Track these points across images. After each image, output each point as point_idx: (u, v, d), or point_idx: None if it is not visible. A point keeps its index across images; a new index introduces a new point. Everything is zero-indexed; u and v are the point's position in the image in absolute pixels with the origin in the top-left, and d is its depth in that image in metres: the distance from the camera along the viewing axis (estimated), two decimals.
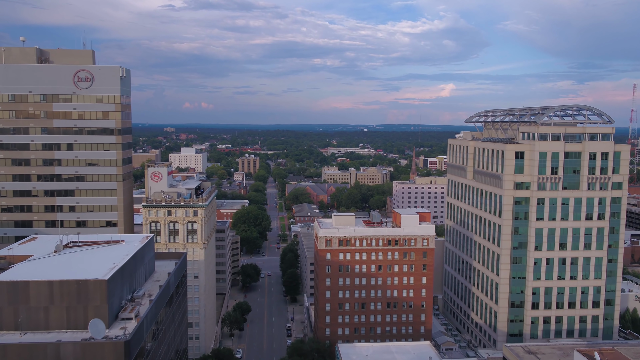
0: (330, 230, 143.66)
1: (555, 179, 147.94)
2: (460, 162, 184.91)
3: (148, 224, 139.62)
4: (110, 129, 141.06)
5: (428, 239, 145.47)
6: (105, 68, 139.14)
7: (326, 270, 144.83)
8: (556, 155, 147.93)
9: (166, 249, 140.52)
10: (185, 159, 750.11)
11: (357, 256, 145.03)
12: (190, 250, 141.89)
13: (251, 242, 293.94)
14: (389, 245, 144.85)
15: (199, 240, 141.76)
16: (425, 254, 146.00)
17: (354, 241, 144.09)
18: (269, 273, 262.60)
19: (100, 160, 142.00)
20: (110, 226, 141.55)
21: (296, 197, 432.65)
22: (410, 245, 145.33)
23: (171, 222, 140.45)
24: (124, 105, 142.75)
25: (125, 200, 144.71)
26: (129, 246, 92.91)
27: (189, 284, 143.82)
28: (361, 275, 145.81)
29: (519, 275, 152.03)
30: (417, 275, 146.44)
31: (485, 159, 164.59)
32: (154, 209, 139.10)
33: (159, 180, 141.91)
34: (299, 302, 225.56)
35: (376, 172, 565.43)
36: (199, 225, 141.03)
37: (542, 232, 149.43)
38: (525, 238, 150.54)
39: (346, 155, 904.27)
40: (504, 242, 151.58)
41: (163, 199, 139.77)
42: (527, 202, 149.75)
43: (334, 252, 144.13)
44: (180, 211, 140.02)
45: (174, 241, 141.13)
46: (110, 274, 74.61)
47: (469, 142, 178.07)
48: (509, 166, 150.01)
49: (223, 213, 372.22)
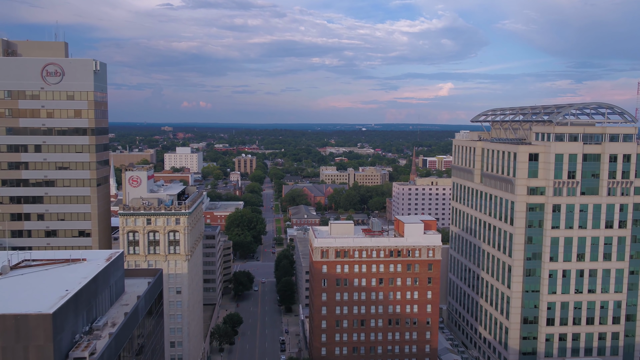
0: (327, 241, 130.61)
1: (572, 184, 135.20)
2: (467, 164, 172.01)
3: (125, 234, 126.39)
4: (82, 128, 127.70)
5: (434, 250, 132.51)
6: (77, 61, 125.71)
7: (322, 284, 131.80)
8: (574, 157, 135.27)
9: (145, 261, 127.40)
10: (180, 159, 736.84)
11: (356, 269, 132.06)
12: (172, 262, 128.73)
13: (245, 247, 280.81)
14: (391, 257, 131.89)
15: (181, 251, 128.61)
16: (431, 266, 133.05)
17: (353, 252, 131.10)
18: (262, 280, 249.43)
19: (72, 163, 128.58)
20: (83, 236, 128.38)
21: (293, 198, 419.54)
22: (415, 256, 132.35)
23: (151, 231, 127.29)
24: (98, 103, 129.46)
25: (101, 207, 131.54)
26: (91, 266, 79.75)
27: (170, 299, 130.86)
28: (361, 290, 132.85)
29: (533, 288, 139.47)
30: (422, 290, 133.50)
31: (494, 161, 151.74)
32: (131, 217, 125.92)
33: (138, 185, 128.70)
34: (294, 312, 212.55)
35: (375, 173, 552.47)
36: (181, 235, 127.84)
37: (558, 242, 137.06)
38: (539, 248, 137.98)
39: (344, 155, 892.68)
40: (516, 252, 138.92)
41: (142, 206, 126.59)
42: (541, 209, 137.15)
43: (331, 265, 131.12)
44: (160, 219, 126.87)
45: (154, 252, 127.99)
46: (58, 305, 61.43)
47: (476, 143, 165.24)
48: (521, 169, 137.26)
49: (217, 215, 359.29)
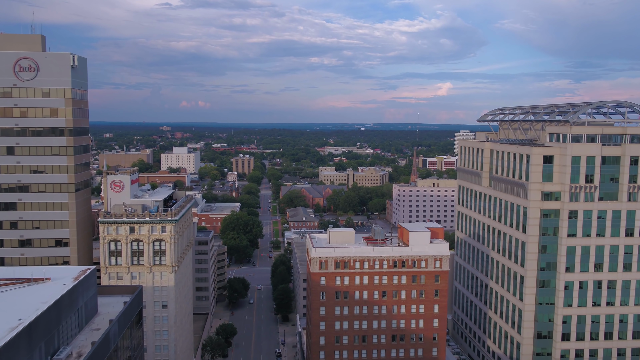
0: (325, 250, 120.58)
1: (590, 189, 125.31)
2: (474, 166, 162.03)
3: (106, 244, 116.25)
4: (59, 129, 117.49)
5: (441, 260, 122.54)
6: (53, 55, 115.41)
7: (320, 297, 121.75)
8: (592, 160, 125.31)
9: (128, 273, 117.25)
10: (177, 159, 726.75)
11: (357, 280, 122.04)
12: (157, 274, 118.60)
13: (240, 251, 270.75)
14: (395, 268, 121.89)
15: (168, 262, 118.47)
16: (438, 277, 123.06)
17: (354, 263, 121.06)
18: (258, 286, 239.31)
19: (48, 167, 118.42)
20: (60, 246, 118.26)
21: (291, 199, 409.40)
22: (420, 267, 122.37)
23: (134, 240, 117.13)
24: (76, 101, 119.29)
25: (80, 214, 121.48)
26: (56, 286, 69.74)
27: (156, 314, 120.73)
28: (362, 303, 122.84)
29: (547, 301, 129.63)
30: (428, 303, 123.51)
31: (505, 164, 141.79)
32: (113, 225, 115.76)
33: (120, 190, 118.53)
34: (291, 321, 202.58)
35: (375, 173, 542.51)
36: (167, 245, 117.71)
37: (575, 251, 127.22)
38: (554, 257, 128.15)
39: (343, 155, 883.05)
40: (530, 262, 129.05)
41: (124, 213, 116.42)
42: (556, 216, 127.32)
43: (330, 276, 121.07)
44: (145, 228, 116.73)
45: (137, 263, 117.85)
46: (4, 341, 51.57)
47: (484, 144, 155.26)
48: (535, 173, 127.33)
49: (212, 218, 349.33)
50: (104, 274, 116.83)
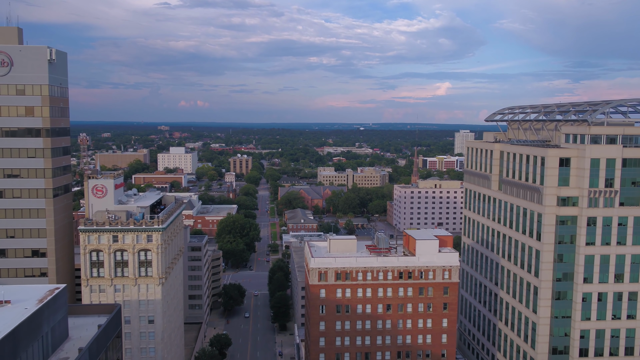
0: (325, 260, 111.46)
1: (610, 193, 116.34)
2: (482, 168, 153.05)
3: (87, 254, 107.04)
4: (35, 129, 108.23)
5: (450, 271, 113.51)
6: (28, 49, 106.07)
7: (320, 311, 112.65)
8: (612, 162, 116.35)
9: (111, 286, 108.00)
10: (174, 159, 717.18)
11: (359, 293, 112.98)
12: (143, 286, 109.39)
13: (237, 256, 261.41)
14: (400, 279, 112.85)
15: (154, 273, 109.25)
16: (447, 289, 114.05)
17: (356, 274, 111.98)
18: (255, 292, 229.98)
19: (23, 170, 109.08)
20: (37, 256, 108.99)
21: (289, 201, 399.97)
22: (428, 278, 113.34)
23: (118, 250, 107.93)
24: (54, 98, 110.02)
25: (59, 222, 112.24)
26: (15, 311, 60.57)
27: (141, 330, 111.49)
28: (365, 318, 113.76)
29: (563, 314, 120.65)
30: (437, 317, 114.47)
31: (516, 167, 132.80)
32: (94, 234, 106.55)
33: (103, 195, 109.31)
34: (289, 330, 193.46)
35: (374, 174, 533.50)
36: (154, 255, 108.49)
37: (593, 260, 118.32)
38: (571, 267, 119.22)
39: (342, 155, 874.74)
40: (544, 272, 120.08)
41: (107, 220, 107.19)
42: (574, 222, 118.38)
43: (330, 288, 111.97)
44: (129, 236, 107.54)
45: (121, 275, 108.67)
46: None
47: (493, 145, 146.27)
48: (551, 176, 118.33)
49: (208, 220, 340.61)
50: (85, 286, 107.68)
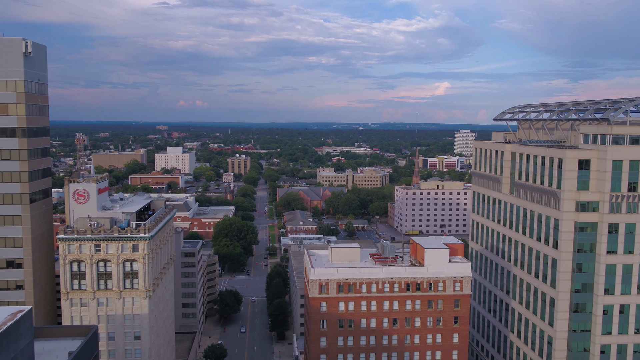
0: (327, 271, 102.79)
1: (633, 198, 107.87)
2: (492, 170, 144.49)
3: (67, 264, 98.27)
4: (10, 128, 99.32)
5: (462, 282, 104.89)
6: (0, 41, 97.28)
7: (321, 326, 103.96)
8: (635, 165, 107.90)
9: (94, 299, 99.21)
10: (171, 159, 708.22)
11: (363, 306, 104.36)
12: (128, 299, 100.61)
13: (234, 260, 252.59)
14: (407, 291, 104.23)
15: (140, 285, 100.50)
16: (458, 302, 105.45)
17: (360, 286, 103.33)
18: (252, 299, 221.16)
19: None
20: (12, 267, 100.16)
21: (288, 202, 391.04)
22: (437, 290, 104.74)
23: (101, 261, 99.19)
24: (31, 95, 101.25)
25: (37, 229, 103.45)
26: None
27: (127, 347, 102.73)
28: (370, 333, 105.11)
29: (582, 327, 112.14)
30: (447, 332, 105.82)
31: (530, 169, 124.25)
32: (75, 243, 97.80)
33: (85, 201, 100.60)
34: (288, 339, 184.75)
35: (374, 174, 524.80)
36: (140, 266, 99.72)
37: (615, 270, 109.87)
38: (591, 278, 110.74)
39: (342, 155, 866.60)
40: (562, 282, 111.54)
41: (89, 228, 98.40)
42: (594, 229, 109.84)
43: (332, 302, 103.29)
44: (113, 246, 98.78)
45: (105, 288, 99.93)
46: None
47: (504, 146, 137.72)
48: (569, 180, 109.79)
49: (205, 222, 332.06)
50: (65, 300, 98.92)
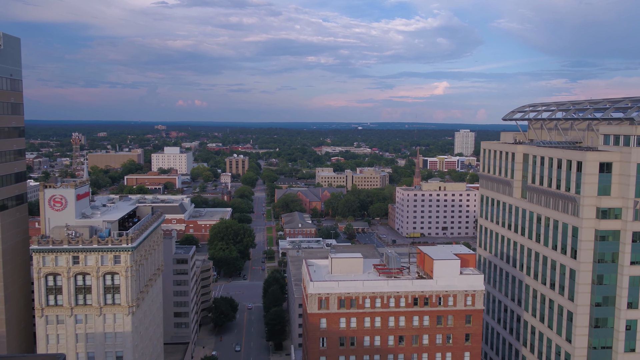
0: (327, 285, 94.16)
1: None
2: (502, 173, 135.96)
3: (42, 278, 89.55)
4: None
5: (474, 296, 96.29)
6: None
7: (320, 344, 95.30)
8: None
9: (71, 316, 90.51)
10: (168, 159, 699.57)
11: (366, 323, 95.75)
12: (109, 316, 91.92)
13: (230, 264, 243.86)
14: (415, 306, 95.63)
15: (122, 301, 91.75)
16: (470, 318, 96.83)
17: (363, 300, 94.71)
18: (249, 305, 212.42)
19: None
20: None
21: (286, 204, 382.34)
22: (448, 305, 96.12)
23: (79, 274, 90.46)
24: (2, 92, 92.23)
25: (9, 239, 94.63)
26: None
27: None
28: (374, 352, 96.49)
29: (603, 344, 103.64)
30: (458, 350, 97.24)
31: (545, 172, 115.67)
32: (50, 255, 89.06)
33: (62, 208, 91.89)
34: (285, 349, 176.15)
35: (374, 175, 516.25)
36: (122, 279, 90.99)
37: (639, 283, 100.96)
38: (613, 290, 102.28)
39: (341, 155, 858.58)
40: (581, 295, 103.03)
41: (66, 238, 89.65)
42: (616, 238, 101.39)
43: (333, 318, 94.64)
44: (92, 257, 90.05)
45: (83, 303, 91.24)
46: None
47: (515, 147, 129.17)
48: (589, 184, 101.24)
49: (201, 225, 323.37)
50: (40, 317, 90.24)
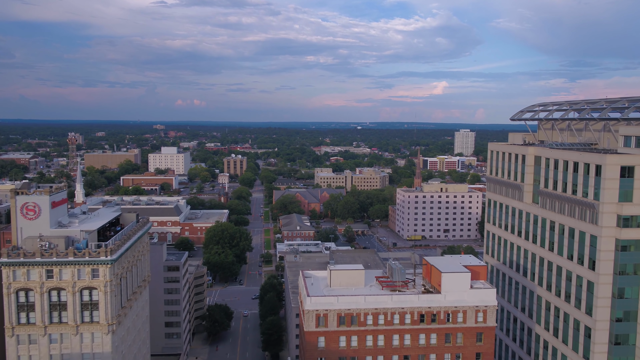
0: (325, 300, 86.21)
1: None
2: (511, 176, 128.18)
3: (12, 294, 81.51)
4: None
5: (485, 312, 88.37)
6: None
7: None
8: None
9: (45, 336, 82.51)
10: (166, 159, 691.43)
11: (368, 341, 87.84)
12: (87, 335, 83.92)
13: (226, 269, 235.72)
14: (421, 323, 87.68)
15: (101, 318, 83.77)
16: (481, 336, 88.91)
17: (365, 317, 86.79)
18: (245, 312, 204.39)
19: None
20: None
21: (284, 205, 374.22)
22: (457, 322, 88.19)
23: (53, 289, 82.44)
24: None
25: None
26: None
27: None
28: None
29: None
30: None
31: (559, 176, 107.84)
32: (21, 268, 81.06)
33: (35, 217, 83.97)
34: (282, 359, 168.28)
35: (374, 175, 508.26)
36: (101, 295, 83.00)
37: None
38: (635, 305, 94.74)
39: (340, 154, 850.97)
40: (600, 309, 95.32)
41: (38, 250, 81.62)
42: (638, 248, 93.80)
43: (332, 336, 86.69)
44: (68, 271, 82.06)
45: (58, 321, 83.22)
46: None
47: (526, 149, 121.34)
48: (609, 190, 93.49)
49: (196, 227, 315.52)
50: (10, 336, 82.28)
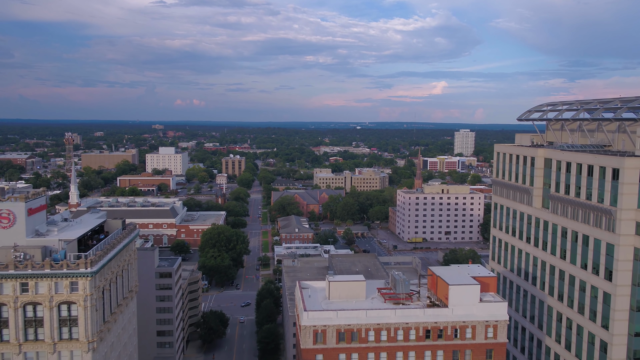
0: (323, 315, 79.84)
1: None
2: (519, 179, 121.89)
3: None
4: None
5: (496, 328, 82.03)
6: None
7: None
8: None
9: (19, 354, 76.08)
10: (163, 160, 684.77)
11: (370, 359, 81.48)
12: (65, 353, 77.45)
13: (222, 273, 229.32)
14: (427, 339, 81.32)
15: (81, 335, 77.34)
16: (491, 353, 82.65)
17: (366, 333, 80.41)
18: (241, 319, 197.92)
19: None
20: None
21: (283, 207, 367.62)
22: (465, 338, 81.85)
23: (28, 304, 76.00)
24: None
25: None
26: None
27: None
28: None
29: None
30: None
31: (572, 180, 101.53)
32: None
33: (10, 224, 77.54)
34: None
35: (374, 176, 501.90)
36: (80, 310, 76.59)
37: None
38: None
39: (339, 155, 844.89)
40: (618, 323, 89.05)
41: (12, 261, 75.18)
42: None
43: (331, 354, 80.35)
44: (44, 284, 75.64)
45: (34, 339, 76.80)
46: None
47: (536, 151, 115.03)
48: (628, 195, 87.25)
49: (193, 229, 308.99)
50: None
